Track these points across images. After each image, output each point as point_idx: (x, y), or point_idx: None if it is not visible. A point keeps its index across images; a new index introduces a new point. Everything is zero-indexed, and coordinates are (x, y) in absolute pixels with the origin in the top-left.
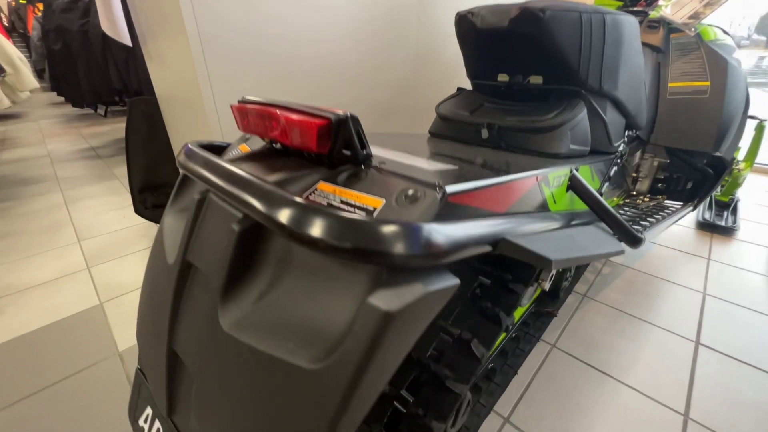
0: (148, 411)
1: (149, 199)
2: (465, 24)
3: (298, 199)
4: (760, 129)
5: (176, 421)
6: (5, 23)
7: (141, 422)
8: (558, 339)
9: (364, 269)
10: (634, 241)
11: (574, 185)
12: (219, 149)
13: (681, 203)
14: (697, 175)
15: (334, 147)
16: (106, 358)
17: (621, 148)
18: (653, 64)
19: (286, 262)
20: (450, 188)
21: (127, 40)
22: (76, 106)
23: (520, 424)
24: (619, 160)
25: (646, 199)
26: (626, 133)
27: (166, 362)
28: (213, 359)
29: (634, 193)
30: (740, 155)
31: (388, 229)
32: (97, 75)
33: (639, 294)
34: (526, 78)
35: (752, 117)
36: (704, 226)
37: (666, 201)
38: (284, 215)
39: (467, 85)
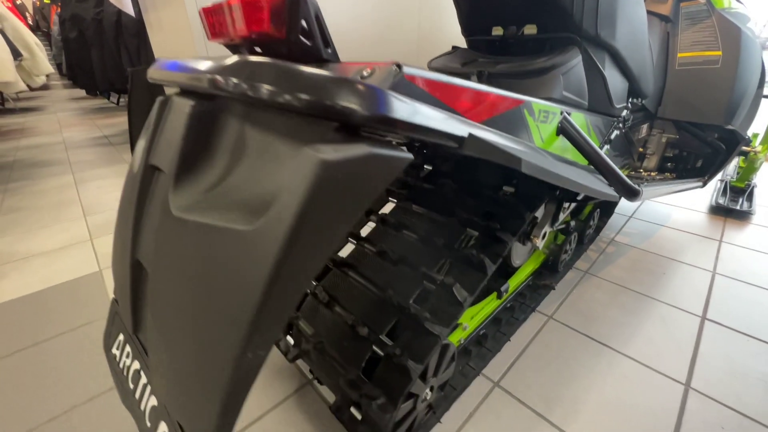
0: (120, 337)
1: None
2: None
3: (253, 58)
4: None
5: (141, 338)
6: (30, 22)
7: (114, 350)
8: (556, 311)
9: (313, 135)
10: (630, 192)
11: (564, 128)
12: None
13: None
14: (707, 152)
15: (291, 30)
16: (100, 319)
17: (624, 114)
18: (662, 34)
19: (241, 151)
20: (408, 69)
21: (129, 10)
22: (89, 93)
23: (510, 388)
24: (621, 125)
25: (654, 174)
26: (630, 99)
27: (131, 274)
28: (163, 250)
29: (642, 171)
30: (757, 140)
31: (345, 84)
32: (110, 62)
33: (644, 272)
34: (520, 29)
35: None
36: (718, 210)
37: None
38: (239, 72)
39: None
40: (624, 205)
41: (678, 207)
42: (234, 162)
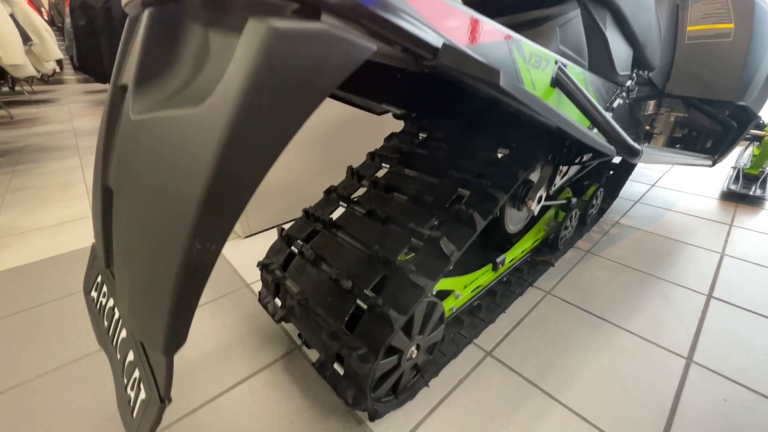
0: (98, 278)
1: None
2: None
3: None
4: None
5: (113, 271)
6: (45, 17)
7: (92, 293)
8: (554, 287)
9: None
10: (630, 150)
11: (559, 79)
12: None
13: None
14: (717, 131)
15: None
16: None
17: (628, 84)
18: (671, 7)
19: (204, 56)
20: None
21: None
22: (98, 81)
23: (503, 358)
24: (625, 95)
25: None
26: (635, 70)
27: (101, 202)
28: (124, 163)
29: None
30: None
31: None
32: None
33: (649, 252)
34: None
35: None
36: (729, 196)
37: None
38: None
39: None
40: (630, 189)
41: (688, 193)
42: (197, 68)
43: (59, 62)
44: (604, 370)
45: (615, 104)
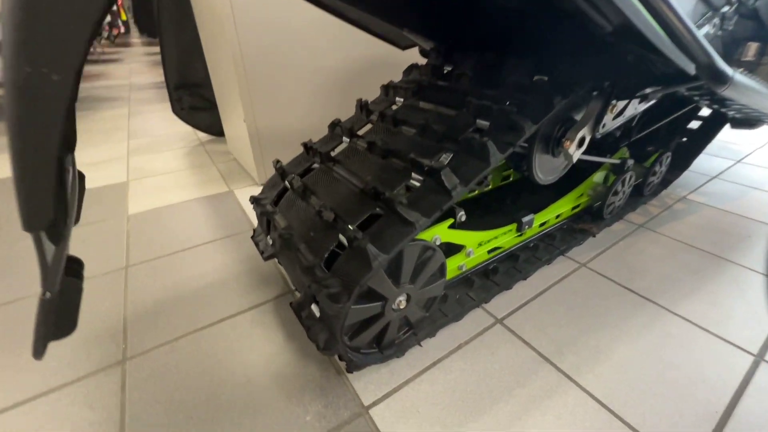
0: None
1: (185, 98)
2: None
3: None
4: None
5: None
6: None
7: None
8: (592, 259)
9: None
10: (716, 73)
11: None
12: None
13: None
14: None
15: None
16: (115, 217)
17: (725, 10)
18: None
19: None
20: None
21: None
22: (150, 36)
23: (515, 328)
24: (718, 22)
25: None
26: None
27: None
28: None
29: None
30: None
31: None
32: None
33: (721, 232)
34: None
35: None
36: None
37: None
38: None
39: None
40: (706, 164)
41: None
42: None
43: (125, 23)
44: (640, 355)
45: (703, 31)
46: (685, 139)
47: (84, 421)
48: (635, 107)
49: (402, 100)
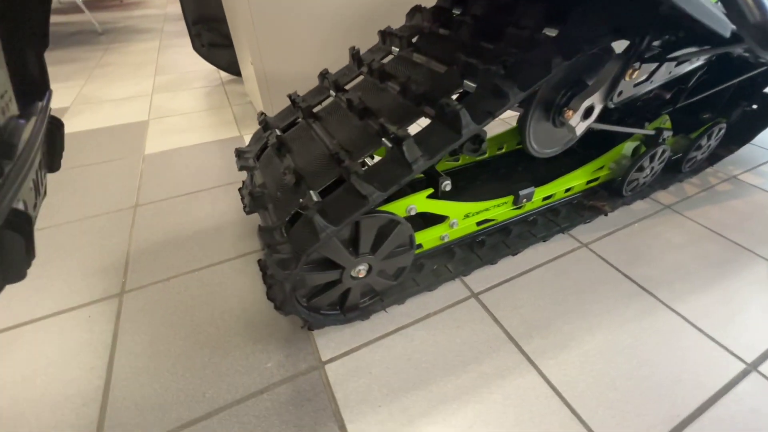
0: None
1: (204, 35)
2: None
3: None
4: None
5: None
6: None
7: None
8: (596, 240)
9: None
10: (765, 31)
11: None
12: None
13: None
14: None
15: None
16: (132, 156)
17: None
18: None
19: None
20: None
21: None
22: None
23: (489, 304)
24: None
25: None
26: None
27: None
28: None
29: None
30: None
31: None
32: None
33: (766, 222)
34: None
35: None
36: None
37: None
38: None
39: None
40: None
41: None
42: None
43: None
44: (615, 348)
45: None
46: (755, 107)
47: (83, 342)
48: (669, 71)
49: (397, 50)
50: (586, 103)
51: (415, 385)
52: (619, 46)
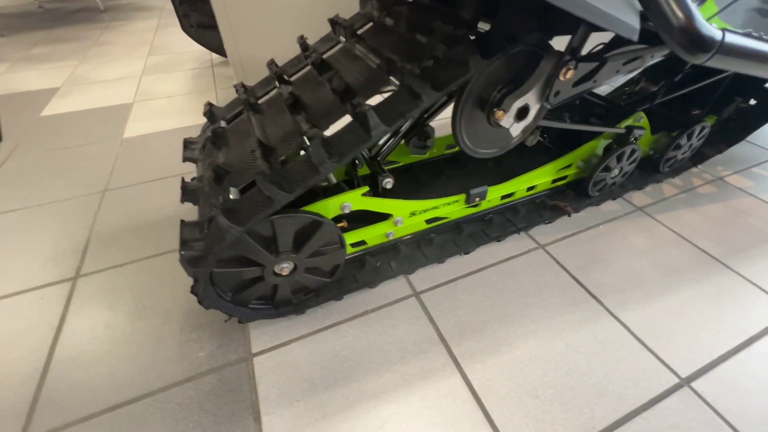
0: None
1: (192, 15)
2: None
3: None
4: None
5: None
6: None
7: None
8: (555, 242)
9: None
10: (688, 33)
11: None
12: None
13: None
14: None
15: None
16: (110, 140)
17: None
18: None
19: None
20: None
21: None
22: None
23: (429, 304)
24: None
25: None
26: None
27: None
28: None
29: None
30: None
31: None
32: None
33: (745, 230)
34: None
35: None
36: None
37: None
38: None
39: None
40: None
41: None
42: None
43: None
44: (545, 355)
45: None
46: (753, 102)
47: (32, 323)
48: (617, 70)
49: (344, 39)
50: (518, 104)
51: (336, 382)
52: (563, 42)
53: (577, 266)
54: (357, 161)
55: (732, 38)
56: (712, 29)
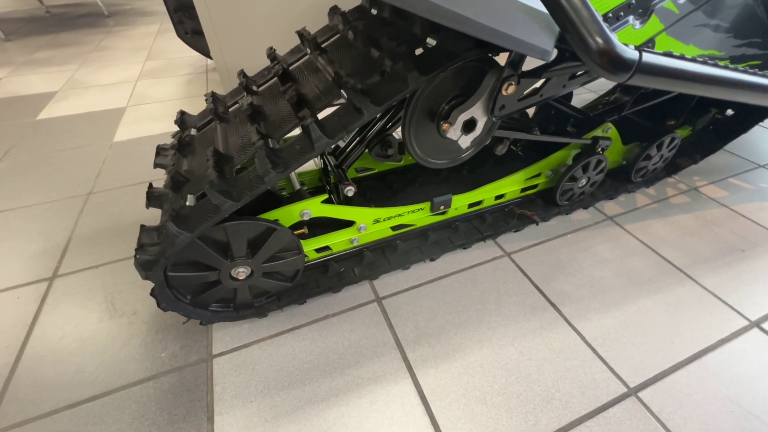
0: None
1: (186, 22)
2: None
3: None
4: None
5: None
6: None
7: None
8: (521, 250)
9: None
10: (606, 56)
11: None
12: None
13: None
14: None
15: None
16: (100, 143)
17: None
18: None
19: None
20: None
21: None
22: None
23: (389, 310)
24: None
25: None
26: None
27: None
28: None
29: None
30: None
31: None
32: None
33: (711, 240)
34: None
35: None
36: None
37: None
38: None
39: None
40: (758, 145)
41: None
42: None
43: None
44: (498, 361)
45: None
46: (730, 112)
47: (6, 321)
48: (563, 85)
49: (309, 52)
50: (464, 117)
51: (290, 384)
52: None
53: (540, 274)
54: (329, 168)
55: (650, 58)
56: (628, 50)
